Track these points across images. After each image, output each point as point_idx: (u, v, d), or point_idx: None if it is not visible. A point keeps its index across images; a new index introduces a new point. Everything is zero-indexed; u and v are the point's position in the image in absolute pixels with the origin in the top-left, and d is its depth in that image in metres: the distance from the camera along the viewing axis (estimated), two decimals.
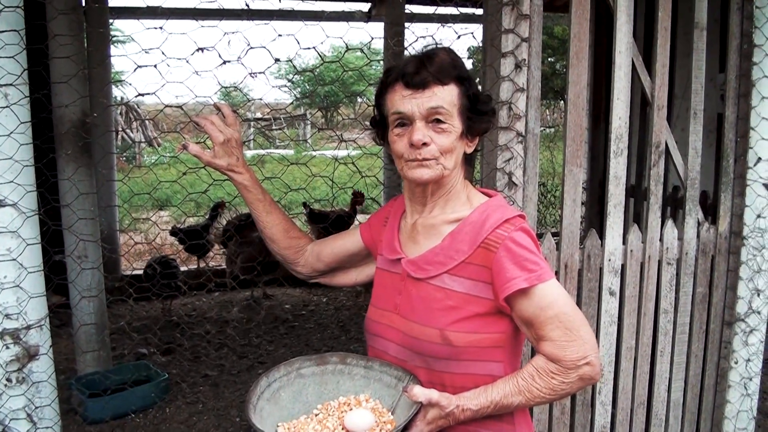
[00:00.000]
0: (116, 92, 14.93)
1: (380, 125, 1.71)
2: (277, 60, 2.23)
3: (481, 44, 2.42)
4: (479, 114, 1.64)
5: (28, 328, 1.83)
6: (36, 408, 1.87)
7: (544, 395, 1.55)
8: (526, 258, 1.54)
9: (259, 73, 2.30)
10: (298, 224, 1.99)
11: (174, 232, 7.05)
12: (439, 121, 1.57)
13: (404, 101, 1.57)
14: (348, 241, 1.92)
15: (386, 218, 1.84)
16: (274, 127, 21.42)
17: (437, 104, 1.56)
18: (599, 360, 1.55)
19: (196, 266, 7.43)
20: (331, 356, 1.73)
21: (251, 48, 2.16)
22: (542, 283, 1.52)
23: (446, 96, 1.57)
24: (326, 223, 6.58)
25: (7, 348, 1.81)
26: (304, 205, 7.25)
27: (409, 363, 1.65)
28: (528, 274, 1.52)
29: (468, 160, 1.72)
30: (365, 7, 7.56)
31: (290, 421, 1.60)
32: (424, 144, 1.56)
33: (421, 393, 1.50)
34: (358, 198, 7.03)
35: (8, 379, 1.82)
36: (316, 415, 1.62)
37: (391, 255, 1.74)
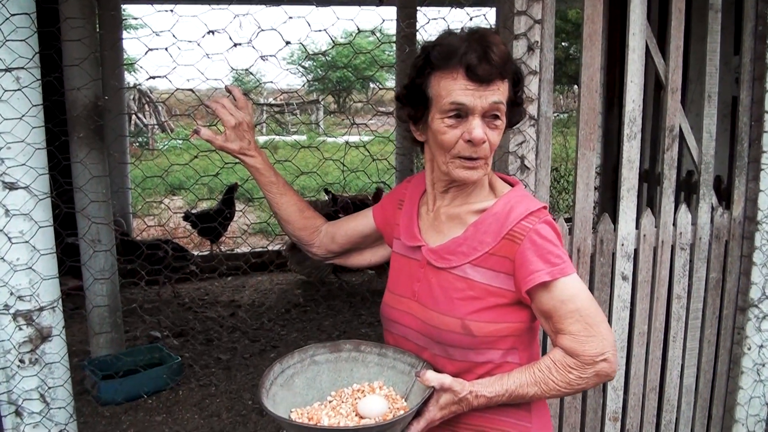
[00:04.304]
0: (128, 78, 14.98)
1: (415, 104, 1.62)
2: (287, 42, 2.22)
3: (493, 27, 2.39)
4: (518, 105, 1.63)
5: (41, 309, 1.84)
6: (49, 388, 1.89)
7: (560, 389, 1.53)
8: (550, 251, 1.52)
9: (270, 56, 2.29)
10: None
11: (187, 216, 7.09)
12: (495, 116, 1.53)
13: (467, 93, 1.49)
14: (361, 223, 1.91)
15: (401, 201, 1.82)
16: (286, 112, 21.39)
17: (498, 99, 1.51)
18: (616, 358, 1.54)
19: (208, 250, 7.47)
20: (345, 343, 1.73)
21: (262, 30, 2.15)
22: (564, 277, 1.51)
23: (505, 91, 1.54)
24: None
25: (20, 329, 1.82)
26: (326, 191, 7.29)
27: (429, 351, 1.64)
28: (551, 268, 1.50)
29: None
30: None
31: (304, 407, 1.60)
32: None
33: (433, 377, 1.49)
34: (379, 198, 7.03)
35: (21, 360, 1.83)
36: (330, 402, 1.62)
37: (411, 242, 1.71)
